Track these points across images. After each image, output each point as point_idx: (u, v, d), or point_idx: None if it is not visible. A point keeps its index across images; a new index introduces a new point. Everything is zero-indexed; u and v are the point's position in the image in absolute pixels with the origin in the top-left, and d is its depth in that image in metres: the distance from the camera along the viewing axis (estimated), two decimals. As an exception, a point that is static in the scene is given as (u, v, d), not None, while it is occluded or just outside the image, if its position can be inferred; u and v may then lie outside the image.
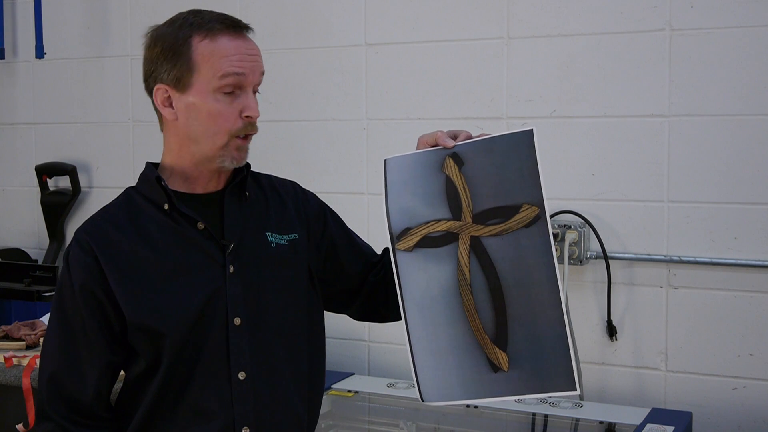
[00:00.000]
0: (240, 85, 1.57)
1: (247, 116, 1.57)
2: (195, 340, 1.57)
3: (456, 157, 1.58)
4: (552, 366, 1.51)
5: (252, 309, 1.61)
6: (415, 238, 1.59)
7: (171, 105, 1.59)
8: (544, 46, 2.71)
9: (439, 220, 1.59)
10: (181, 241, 1.59)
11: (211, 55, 1.55)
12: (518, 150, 1.55)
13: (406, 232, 1.60)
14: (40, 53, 3.50)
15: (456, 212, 1.57)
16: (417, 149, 1.64)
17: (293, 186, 1.79)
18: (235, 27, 1.59)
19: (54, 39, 3.49)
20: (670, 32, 2.57)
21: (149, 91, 1.62)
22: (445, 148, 1.59)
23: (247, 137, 1.60)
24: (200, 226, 1.60)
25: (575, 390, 1.51)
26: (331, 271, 1.77)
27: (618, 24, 2.62)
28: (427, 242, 1.59)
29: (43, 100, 3.54)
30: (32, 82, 3.56)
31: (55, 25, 3.49)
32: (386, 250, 1.76)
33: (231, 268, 1.60)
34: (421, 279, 1.59)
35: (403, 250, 1.60)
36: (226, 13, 1.63)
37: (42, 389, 1.59)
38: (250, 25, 1.63)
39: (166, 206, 1.59)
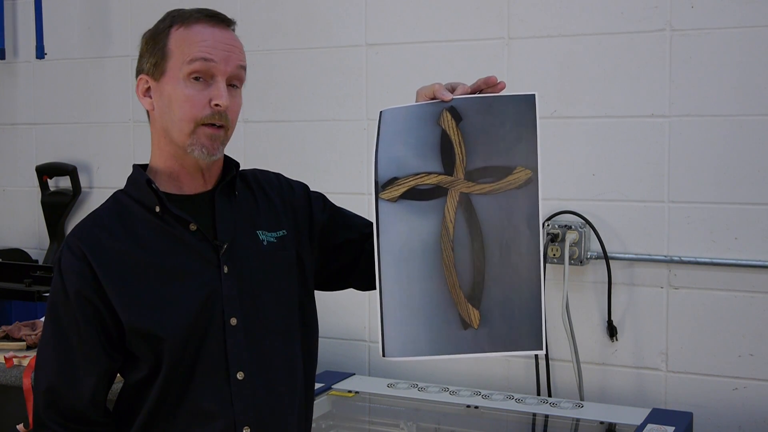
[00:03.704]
0: (210, 73, 1.55)
1: (215, 104, 1.54)
2: (193, 342, 1.56)
3: (454, 111, 1.56)
4: (521, 325, 1.51)
5: (248, 308, 1.60)
6: (402, 189, 1.55)
7: (150, 96, 1.60)
8: (544, 46, 2.71)
9: (429, 173, 1.55)
10: (174, 243, 1.58)
11: (183, 40, 1.55)
12: (518, 112, 1.54)
13: (393, 181, 1.55)
14: (40, 54, 3.50)
15: (448, 167, 1.54)
16: (416, 102, 1.62)
17: (277, 178, 1.77)
18: (214, 17, 1.58)
19: (54, 39, 3.49)
20: (670, 32, 2.57)
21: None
22: (442, 101, 1.56)
23: (220, 128, 1.56)
24: (192, 227, 1.59)
25: (541, 349, 1.51)
26: (327, 252, 1.76)
27: (618, 24, 2.62)
28: (414, 194, 1.55)
29: (44, 101, 3.54)
30: (33, 83, 3.56)
31: (56, 26, 3.49)
32: None
33: (225, 269, 1.59)
34: (402, 231, 1.55)
35: (387, 200, 1.55)
36: (226, 13, 1.63)
37: (38, 398, 1.57)
38: (234, 20, 1.62)
39: (157, 209, 1.58)
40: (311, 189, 1.82)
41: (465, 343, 1.53)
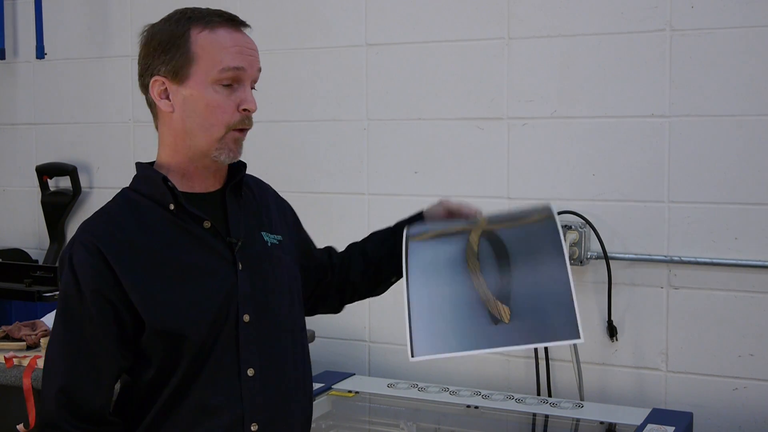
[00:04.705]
0: (238, 79, 1.58)
1: (244, 109, 1.58)
2: (210, 339, 1.57)
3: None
4: (555, 316, 1.52)
5: (259, 306, 1.63)
6: (431, 235, 1.70)
7: (167, 97, 1.58)
8: (544, 46, 2.71)
9: (456, 227, 1.70)
10: (189, 239, 1.59)
11: (210, 46, 1.56)
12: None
13: (423, 233, 1.71)
14: (40, 53, 3.50)
15: (472, 222, 1.70)
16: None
17: (272, 190, 1.83)
18: (233, 21, 1.60)
19: (54, 39, 3.49)
20: (670, 32, 2.57)
21: (144, 86, 1.62)
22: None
23: (243, 131, 1.61)
24: (206, 224, 1.60)
25: (579, 338, 1.50)
26: (304, 271, 1.83)
27: (618, 24, 2.62)
28: (442, 235, 1.69)
29: (44, 101, 3.54)
30: (33, 83, 3.56)
31: (56, 26, 3.49)
32: (330, 249, 1.91)
33: (240, 266, 1.61)
34: (429, 252, 1.65)
35: (418, 241, 1.69)
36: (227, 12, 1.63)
37: (49, 400, 1.54)
38: (248, 23, 1.64)
39: (171, 206, 1.58)
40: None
41: (497, 337, 1.52)
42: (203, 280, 1.57)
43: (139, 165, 1.65)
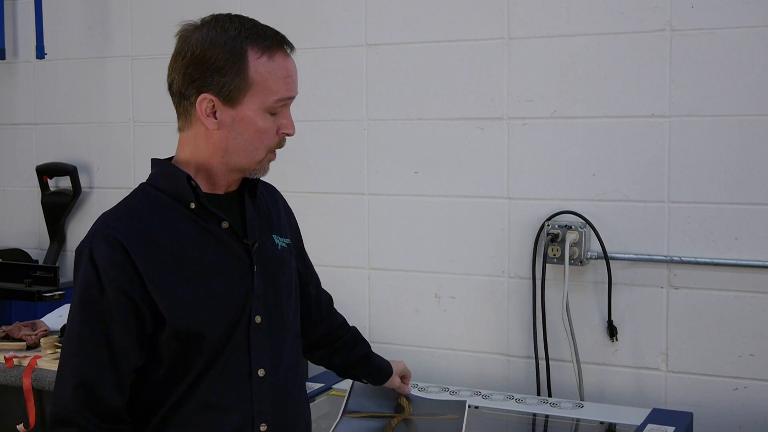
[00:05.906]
0: (285, 105, 1.61)
1: (284, 133, 1.62)
2: (223, 339, 1.58)
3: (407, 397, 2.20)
4: None
5: (271, 307, 1.64)
6: (364, 415, 2.09)
7: (214, 115, 1.56)
8: (544, 46, 2.71)
9: (384, 412, 2.12)
10: (208, 239, 1.59)
11: (269, 74, 1.56)
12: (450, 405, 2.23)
13: (357, 412, 2.10)
14: (40, 54, 3.50)
15: (399, 412, 2.12)
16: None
17: (281, 194, 1.84)
18: (289, 45, 1.60)
19: (55, 39, 3.50)
20: (670, 32, 2.57)
21: (181, 94, 1.58)
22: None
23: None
24: (224, 225, 1.60)
25: None
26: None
27: (618, 24, 2.62)
28: (372, 416, 2.10)
29: (44, 101, 3.54)
30: (33, 83, 3.56)
31: (56, 26, 3.49)
32: (330, 301, 2.08)
33: (255, 267, 1.63)
34: (355, 427, 2.07)
35: (350, 417, 2.08)
36: (229, 13, 1.62)
37: (65, 394, 1.52)
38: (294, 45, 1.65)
39: (192, 205, 1.58)
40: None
41: None
42: (222, 280, 1.58)
43: (157, 161, 1.64)
